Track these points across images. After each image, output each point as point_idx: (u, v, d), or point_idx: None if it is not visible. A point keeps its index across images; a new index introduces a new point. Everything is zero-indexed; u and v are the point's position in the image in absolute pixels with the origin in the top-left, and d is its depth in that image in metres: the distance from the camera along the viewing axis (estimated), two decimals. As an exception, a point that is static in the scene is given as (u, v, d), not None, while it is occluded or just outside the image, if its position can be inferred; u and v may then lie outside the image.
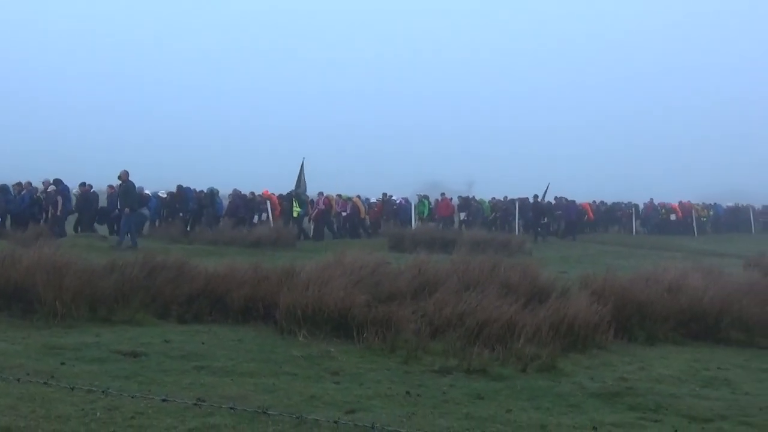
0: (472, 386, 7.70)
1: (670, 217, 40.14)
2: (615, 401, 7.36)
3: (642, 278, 13.01)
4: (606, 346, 10.21)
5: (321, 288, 10.30)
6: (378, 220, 31.47)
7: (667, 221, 39.66)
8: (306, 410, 6.31)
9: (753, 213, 44.50)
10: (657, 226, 39.15)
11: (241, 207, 28.77)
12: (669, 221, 39.72)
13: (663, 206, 40.79)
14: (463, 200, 33.90)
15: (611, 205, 40.00)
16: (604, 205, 39.27)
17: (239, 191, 29.92)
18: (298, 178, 29.63)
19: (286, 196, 29.56)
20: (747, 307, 11.61)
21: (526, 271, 13.00)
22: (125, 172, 22.02)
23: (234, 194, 29.84)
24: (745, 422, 6.74)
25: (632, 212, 39.48)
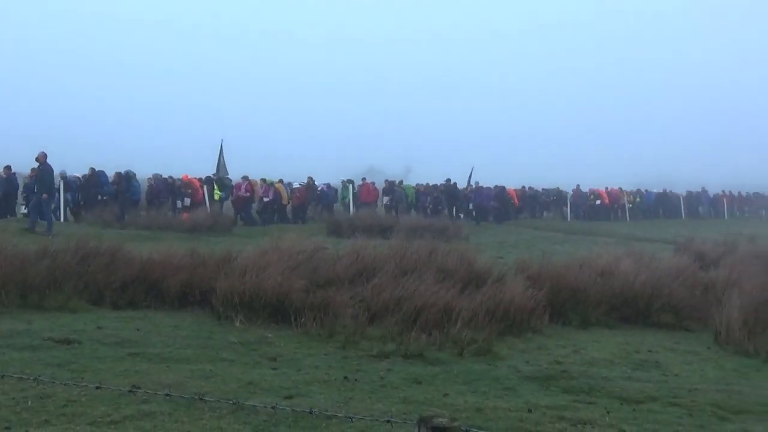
0: (409, 371, 7.74)
1: (596, 203, 40.70)
2: (549, 384, 7.50)
3: (576, 263, 13.21)
4: (541, 330, 10.36)
5: (258, 273, 10.24)
6: (302, 206, 30.76)
7: (594, 207, 40.24)
8: (243, 396, 6.28)
9: (682, 199, 45.55)
10: (586, 212, 39.66)
11: (163, 191, 28.05)
12: (597, 207, 40.31)
13: (591, 192, 41.32)
14: (388, 185, 33.65)
15: (541, 191, 40.24)
16: (532, 191, 39.45)
17: (159, 175, 29.00)
18: (218, 162, 29.21)
19: (206, 180, 28.94)
20: (676, 291, 11.90)
21: (463, 257, 13.09)
22: (43, 154, 20.51)
23: (154, 178, 28.83)
24: (674, 403, 6.93)
25: (567, 198, 40.01)
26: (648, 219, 41.47)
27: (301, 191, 30.60)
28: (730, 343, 9.92)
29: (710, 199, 47.41)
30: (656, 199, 44.07)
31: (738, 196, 49.35)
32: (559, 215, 39.25)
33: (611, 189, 42.59)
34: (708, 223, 41.19)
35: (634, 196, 43.19)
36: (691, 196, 46.29)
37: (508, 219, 34.22)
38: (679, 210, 44.45)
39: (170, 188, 28.47)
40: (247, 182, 29.08)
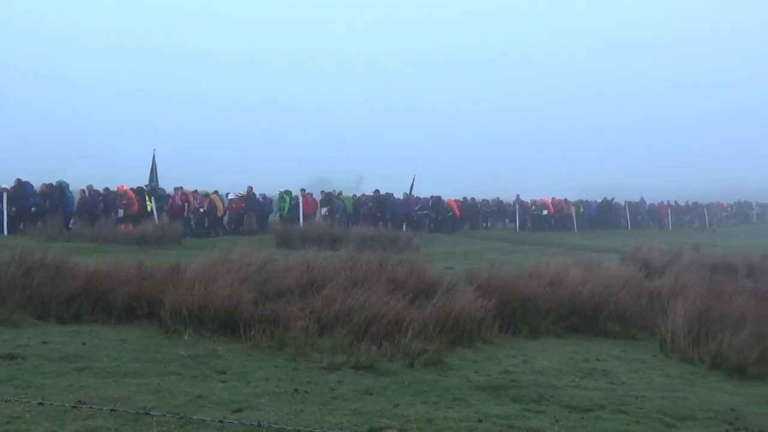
0: (360, 382, 7.72)
1: (543, 213, 41.03)
2: (499, 393, 7.53)
3: (525, 273, 13.34)
4: (491, 339, 10.43)
5: (207, 286, 10.13)
6: (239, 216, 30.32)
7: (540, 217, 40.61)
8: (192, 410, 6.20)
9: (628, 209, 46.27)
10: (533, 223, 39.97)
11: (97, 202, 27.29)
12: (543, 217, 40.69)
13: (533, 203, 41.68)
14: (326, 196, 33.46)
15: (481, 201, 40.26)
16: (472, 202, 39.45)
17: (92, 186, 28.06)
18: (151, 172, 28.80)
19: (137, 190, 28.31)
20: (623, 300, 12.08)
21: (413, 267, 13.12)
22: None
23: (88, 189, 27.88)
24: (621, 411, 7.01)
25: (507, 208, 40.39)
26: (595, 229, 41.98)
27: (238, 202, 30.14)
28: (676, 351, 10.09)
29: (648, 209, 48.10)
30: (598, 209, 44.54)
31: (675, 206, 50.21)
32: (502, 226, 39.45)
33: (556, 199, 43.02)
34: (652, 232, 41.96)
35: (577, 206, 43.62)
36: (630, 206, 46.95)
37: (448, 229, 34.25)
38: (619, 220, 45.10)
39: (104, 199, 27.75)
40: (182, 193, 28.61)
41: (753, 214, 57.57)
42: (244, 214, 30.47)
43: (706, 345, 9.78)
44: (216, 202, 29.00)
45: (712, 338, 9.79)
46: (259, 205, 31.26)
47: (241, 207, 30.10)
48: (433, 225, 34.22)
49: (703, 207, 50.89)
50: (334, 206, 32.58)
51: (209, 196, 29.15)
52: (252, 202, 30.66)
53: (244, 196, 30.52)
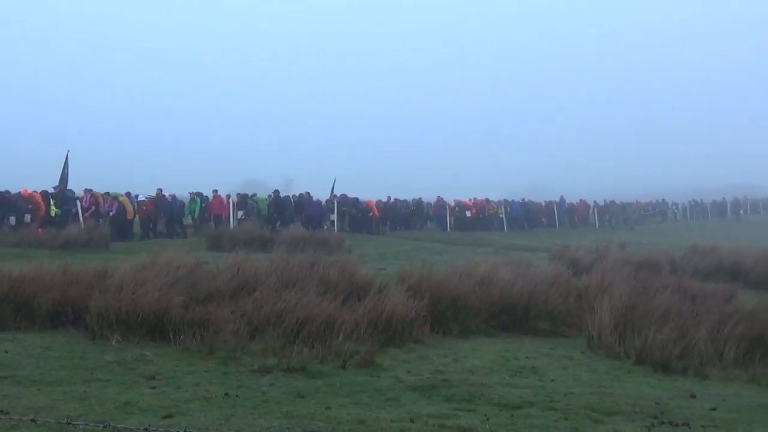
0: (292, 385, 7.69)
1: (466, 214, 41.05)
2: (431, 393, 7.58)
3: (456, 273, 13.44)
4: (423, 339, 10.49)
5: (135, 290, 9.95)
6: (149, 219, 29.22)
7: (463, 218, 40.71)
8: (119, 417, 6.09)
9: (557, 208, 46.97)
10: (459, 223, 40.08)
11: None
12: (465, 218, 40.74)
13: (458, 203, 41.71)
14: (241, 198, 32.59)
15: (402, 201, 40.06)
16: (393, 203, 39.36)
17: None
18: (62, 174, 27.87)
19: (42, 194, 27.03)
20: (552, 298, 12.28)
21: (344, 269, 13.12)
22: None
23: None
24: (551, 407, 7.12)
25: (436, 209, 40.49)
26: (523, 228, 42.43)
27: (148, 204, 29.15)
28: (603, 348, 10.30)
29: (567, 208, 48.75)
30: (520, 208, 44.82)
31: (594, 205, 51.05)
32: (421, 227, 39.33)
33: (477, 200, 43.24)
34: (579, 231, 42.74)
35: (502, 206, 43.84)
36: (550, 206, 47.56)
37: (369, 230, 34.12)
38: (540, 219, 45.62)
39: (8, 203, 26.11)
40: (90, 195, 27.71)
41: (669, 212, 59.21)
42: (154, 217, 29.42)
43: (631, 341, 10.01)
44: (126, 205, 27.69)
45: (637, 334, 10.03)
46: (170, 207, 30.12)
47: (151, 209, 29.12)
48: (352, 225, 34.02)
49: (619, 206, 51.77)
50: (248, 208, 32.04)
51: (118, 198, 27.97)
52: (162, 205, 29.51)
53: (154, 198, 29.55)
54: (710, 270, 20.00)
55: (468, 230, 38.49)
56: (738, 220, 54.75)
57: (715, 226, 49.96)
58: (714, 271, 19.88)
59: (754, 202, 71.58)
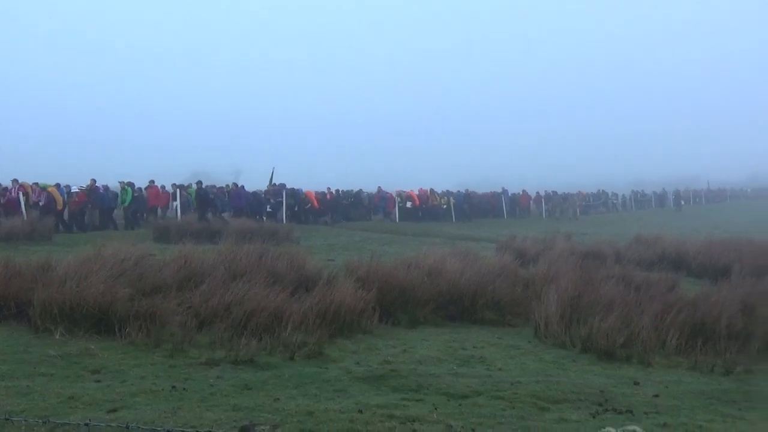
0: (239, 377, 7.65)
1: (407, 205, 40.68)
2: (380, 384, 7.61)
3: (404, 264, 13.49)
4: (371, 330, 10.52)
5: (79, 283, 9.80)
6: (80, 210, 28.36)
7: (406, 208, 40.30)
8: (63, 412, 6.00)
9: (505, 199, 47.24)
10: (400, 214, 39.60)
11: None
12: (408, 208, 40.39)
13: (399, 194, 41.31)
14: (176, 189, 31.78)
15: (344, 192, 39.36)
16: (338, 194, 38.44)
17: None
18: None
19: None
20: (499, 288, 12.39)
21: (293, 260, 13.09)
22: None
23: None
24: (498, 396, 7.20)
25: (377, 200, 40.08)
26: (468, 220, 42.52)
27: (81, 195, 28.17)
28: (549, 337, 10.42)
29: (510, 199, 48.91)
30: (464, 199, 44.67)
31: (536, 196, 51.35)
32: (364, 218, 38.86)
33: (421, 190, 43.05)
34: (527, 222, 43.12)
35: (447, 197, 43.64)
36: (493, 196, 47.73)
37: (307, 221, 33.79)
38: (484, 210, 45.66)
39: None
40: (19, 186, 26.91)
41: (610, 203, 60.17)
42: (85, 209, 28.38)
43: (577, 330, 10.15)
44: (55, 195, 26.89)
45: (582, 323, 10.17)
46: (102, 199, 29.12)
47: (83, 201, 28.32)
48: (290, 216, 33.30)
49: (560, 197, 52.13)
50: (182, 200, 31.29)
51: (47, 189, 27.06)
52: (95, 196, 28.63)
53: (87, 189, 28.55)
54: (654, 260, 20.36)
55: (416, 221, 38.54)
56: (678, 211, 55.81)
57: (656, 216, 50.84)
58: (657, 260, 20.24)
59: (694, 192, 73.13)
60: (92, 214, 28.73)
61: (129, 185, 29.94)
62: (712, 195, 76.75)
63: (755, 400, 7.57)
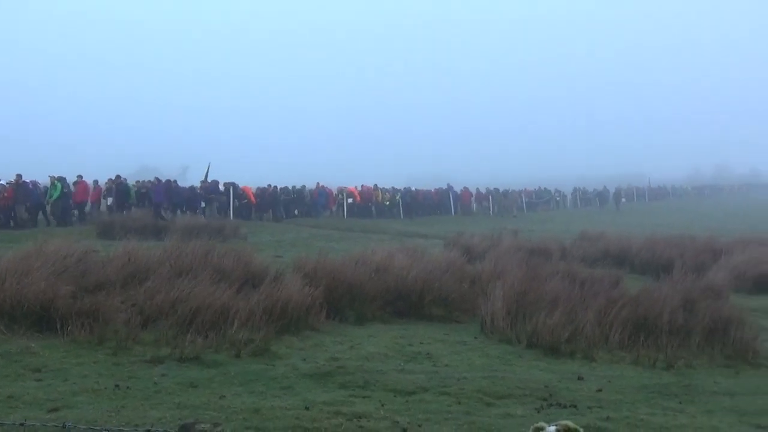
0: (185, 374, 7.57)
1: (348, 201, 39.81)
2: (327, 380, 7.60)
3: (352, 260, 13.47)
4: (319, 327, 10.49)
5: (20, 280, 9.58)
6: (8, 207, 27.26)
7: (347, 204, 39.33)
8: (2, 412, 5.88)
9: (452, 196, 47.38)
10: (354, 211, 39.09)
11: None
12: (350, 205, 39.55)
13: (341, 190, 40.72)
14: (110, 184, 30.91)
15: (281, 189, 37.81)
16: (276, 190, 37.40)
17: None
18: None
19: None
20: (446, 284, 12.45)
21: (239, 257, 12.98)
22: None
23: None
24: (444, 392, 7.24)
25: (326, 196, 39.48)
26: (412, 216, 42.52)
27: (10, 191, 27.00)
28: (495, 332, 10.51)
29: (457, 196, 48.88)
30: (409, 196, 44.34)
31: (477, 192, 51.39)
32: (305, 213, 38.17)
33: (364, 186, 42.70)
34: (475, 218, 43.40)
35: (390, 193, 43.29)
36: (439, 193, 47.75)
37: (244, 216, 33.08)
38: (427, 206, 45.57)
39: None
40: None
41: (552, 200, 60.89)
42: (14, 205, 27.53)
43: (523, 326, 10.25)
44: None
45: (528, 319, 10.28)
46: (30, 194, 27.79)
47: (11, 196, 27.43)
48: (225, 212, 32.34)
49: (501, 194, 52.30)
50: (119, 194, 30.45)
51: None
52: (22, 191, 27.32)
53: (14, 184, 27.66)
54: (598, 256, 20.68)
55: (365, 217, 38.43)
56: (618, 209, 56.55)
57: (596, 214, 51.62)
58: (602, 257, 20.56)
59: (638, 190, 74.35)
60: (19, 210, 27.81)
61: (59, 180, 28.59)
62: (654, 193, 78.08)
63: (695, 394, 7.74)
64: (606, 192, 63.65)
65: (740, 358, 9.63)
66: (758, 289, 17.35)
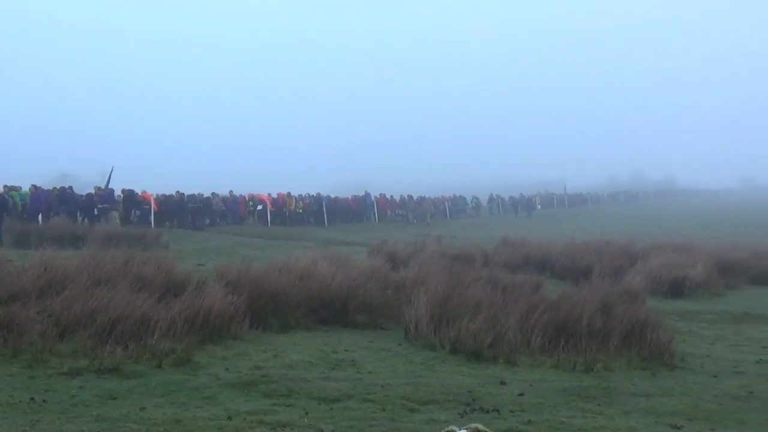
0: (104, 386, 7.40)
1: (258, 208, 39.77)
2: (250, 390, 7.52)
3: (276, 268, 13.38)
4: (242, 336, 10.38)
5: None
6: None
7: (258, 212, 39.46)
8: None
9: (377, 204, 47.47)
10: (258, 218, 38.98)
11: None
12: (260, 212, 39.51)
13: (252, 198, 40.34)
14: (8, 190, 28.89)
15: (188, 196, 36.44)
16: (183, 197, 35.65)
17: None
18: None
19: None
20: (370, 291, 12.46)
21: (160, 265, 12.76)
22: None
23: None
24: (368, 399, 7.25)
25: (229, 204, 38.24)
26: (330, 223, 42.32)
27: None
28: (419, 339, 10.56)
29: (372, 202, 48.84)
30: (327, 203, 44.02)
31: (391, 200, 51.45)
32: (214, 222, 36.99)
33: (279, 194, 42.22)
34: (399, 225, 43.66)
35: (303, 200, 42.69)
36: (357, 200, 47.69)
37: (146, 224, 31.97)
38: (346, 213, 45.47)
39: None
40: None
41: (468, 208, 61.72)
42: None
43: (446, 331, 10.32)
44: None
45: (451, 325, 10.35)
46: None
47: None
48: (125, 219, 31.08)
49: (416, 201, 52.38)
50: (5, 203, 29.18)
51: None
52: None
53: None
54: (520, 262, 21.04)
55: (289, 225, 38.18)
56: (530, 216, 57.37)
57: (512, 220, 52.46)
58: (523, 263, 20.93)
59: (557, 197, 75.89)
60: None
61: None
62: (573, 199, 79.65)
63: (613, 396, 7.92)
64: (522, 199, 64.56)
65: (656, 360, 9.88)
66: (673, 293, 17.94)
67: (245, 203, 39.75)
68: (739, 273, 21.23)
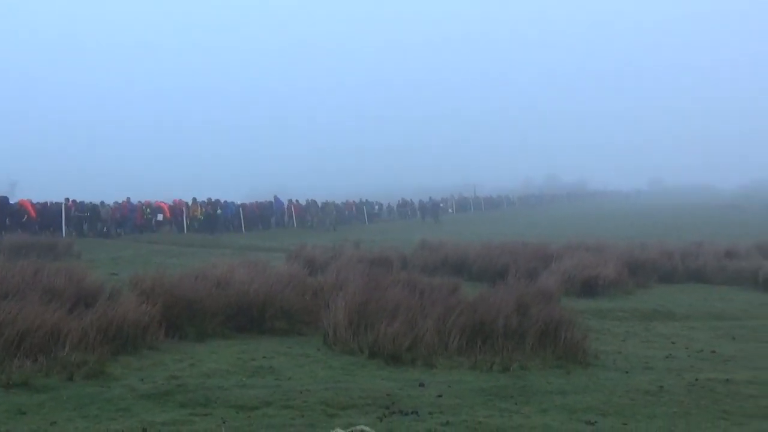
0: (12, 401, 7.16)
1: (158, 217, 39.18)
2: (166, 400, 7.38)
3: (191, 276, 13.19)
4: (157, 345, 10.18)
5: None
6: None
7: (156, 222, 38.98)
8: None
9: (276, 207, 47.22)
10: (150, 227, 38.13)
11: None
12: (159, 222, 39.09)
13: (148, 205, 39.47)
14: None
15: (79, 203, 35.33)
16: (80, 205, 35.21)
17: None
18: None
19: None
20: (288, 297, 12.37)
21: (71, 275, 12.42)
22: None
23: None
24: (287, 406, 7.20)
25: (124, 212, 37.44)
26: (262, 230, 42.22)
27: None
28: (338, 344, 10.53)
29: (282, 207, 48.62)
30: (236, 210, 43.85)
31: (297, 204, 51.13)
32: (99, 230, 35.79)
33: (177, 201, 41.78)
34: (318, 230, 43.61)
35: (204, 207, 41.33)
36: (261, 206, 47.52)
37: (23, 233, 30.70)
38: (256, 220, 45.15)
39: None
40: None
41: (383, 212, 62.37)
42: None
43: (365, 336, 10.32)
44: None
45: (370, 329, 10.35)
46: None
47: None
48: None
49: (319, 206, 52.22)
50: None
51: None
52: None
53: None
54: (437, 265, 21.23)
55: (204, 232, 37.70)
56: (437, 221, 57.84)
57: (419, 225, 53.06)
58: (441, 265, 21.13)
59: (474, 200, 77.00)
60: None
61: None
62: (488, 202, 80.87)
63: (529, 394, 8.05)
64: (430, 203, 65.14)
65: (571, 358, 10.08)
66: (585, 292, 18.36)
67: (142, 210, 38.61)
68: (648, 272, 21.92)
